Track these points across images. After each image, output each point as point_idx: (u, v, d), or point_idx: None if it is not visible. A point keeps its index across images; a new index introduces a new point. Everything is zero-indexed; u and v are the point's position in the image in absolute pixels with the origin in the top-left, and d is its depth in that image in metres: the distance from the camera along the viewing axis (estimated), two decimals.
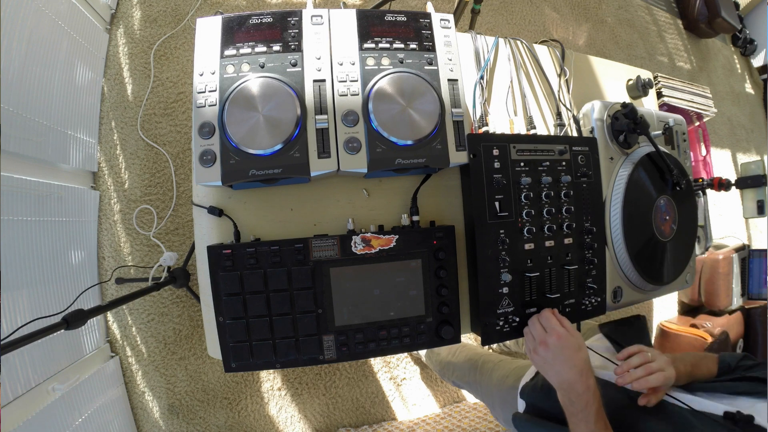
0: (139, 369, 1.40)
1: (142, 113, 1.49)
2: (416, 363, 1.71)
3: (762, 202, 1.91)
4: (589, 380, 0.61)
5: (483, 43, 0.87)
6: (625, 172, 0.81)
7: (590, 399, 0.60)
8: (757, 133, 3.46)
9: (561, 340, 0.63)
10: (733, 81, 3.46)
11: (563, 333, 0.64)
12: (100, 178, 1.43)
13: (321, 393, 1.58)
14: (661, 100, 1.84)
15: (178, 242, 1.47)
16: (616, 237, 0.81)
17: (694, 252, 0.95)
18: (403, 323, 0.69)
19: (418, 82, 0.66)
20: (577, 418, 0.61)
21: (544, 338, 0.65)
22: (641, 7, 3.03)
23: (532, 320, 0.69)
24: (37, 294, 1.12)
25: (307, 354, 0.66)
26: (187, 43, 1.57)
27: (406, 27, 0.69)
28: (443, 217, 0.78)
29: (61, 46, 1.25)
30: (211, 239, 0.72)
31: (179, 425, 1.42)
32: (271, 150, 0.60)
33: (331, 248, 0.66)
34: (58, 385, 1.11)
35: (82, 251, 1.33)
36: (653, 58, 2.93)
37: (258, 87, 0.61)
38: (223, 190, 0.72)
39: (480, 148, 0.70)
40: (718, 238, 2.22)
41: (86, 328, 1.28)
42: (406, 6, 2.06)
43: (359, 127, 0.63)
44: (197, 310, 1.45)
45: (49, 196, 1.18)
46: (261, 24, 0.64)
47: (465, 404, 1.74)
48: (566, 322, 0.68)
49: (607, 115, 0.84)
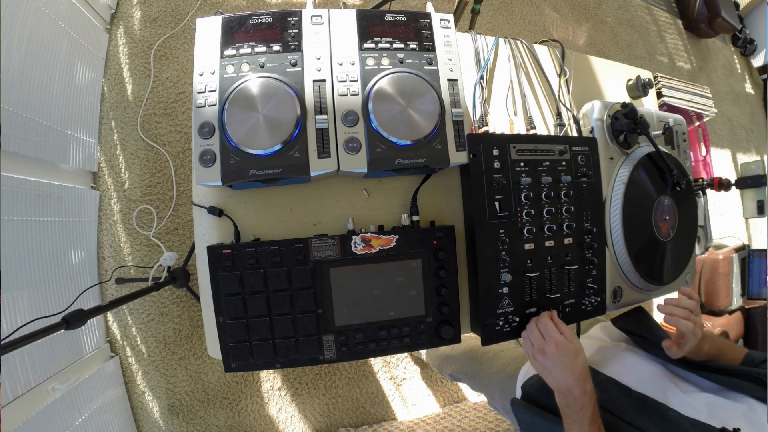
0: (139, 369, 1.40)
1: (142, 113, 1.49)
2: (416, 363, 1.71)
3: (762, 202, 1.91)
4: (586, 385, 0.62)
5: (483, 43, 0.87)
6: (625, 172, 0.81)
7: (586, 402, 0.61)
8: (757, 133, 3.46)
9: (559, 348, 0.64)
10: (733, 81, 3.46)
11: (561, 341, 0.64)
12: (100, 178, 1.43)
13: (321, 393, 1.58)
14: (661, 100, 1.84)
15: (178, 242, 1.47)
16: (616, 237, 0.81)
17: (694, 252, 0.95)
18: (403, 323, 0.69)
19: (418, 82, 0.66)
20: (572, 419, 0.62)
21: (542, 346, 0.65)
22: (641, 7, 3.03)
23: (530, 326, 0.69)
24: (37, 294, 1.12)
25: (307, 354, 0.66)
26: (187, 43, 1.57)
27: (406, 27, 0.69)
28: (443, 217, 0.78)
29: (61, 46, 1.25)
30: (211, 239, 0.72)
31: (179, 425, 1.42)
32: (271, 150, 0.60)
33: (331, 248, 0.66)
34: (58, 385, 1.11)
35: (82, 251, 1.33)
36: (653, 58, 2.93)
37: (258, 87, 0.61)
38: (223, 190, 0.72)
39: (480, 148, 0.70)
40: (718, 238, 2.22)
41: (86, 328, 1.28)
42: (406, 6, 2.06)
43: (359, 127, 0.63)
44: (197, 310, 1.45)
45: (49, 196, 1.18)
46: (261, 24, 0.64)
47: (465, 404, 1.74)
48: (564, 327, 0.67)
49: (607, 115, 0.84)
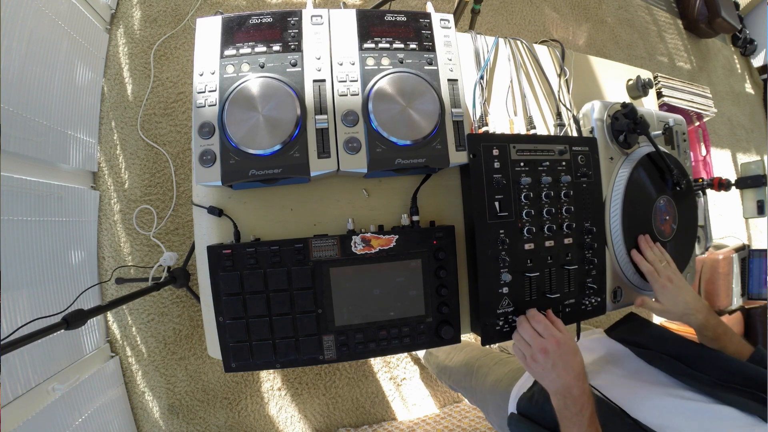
0: (139, 369, 1.40)
1: (142, 113, 1.49)
2: (416, 363, 1.71)
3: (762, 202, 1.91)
4: (584, 384, 0.61)
5: (483, 43, 0.87)
6: (625, 172, 0.81)
7: (585, 403, 0.60)
8: (757, 133, 3.46)
9: (560, 346, 0.62)
10: (733, 81, 3.46)
11: (562, 338, 0.63)
12: (100, 178, 1.44)
13: (321, 393, 1.58)
14: (661, 100, 1.84)
15: (178, 242, 1.47)
16: (616, 237, 0.81)
17: (694, 252, 0.95)
18: (403, 323, 0.69)
19: (418, 82, 0.66)
20: (570, 422, 0.60)
21: (543, 345, 0.63)
22: (641, 7, 3.03)
23: (524, 326, 0.67)
24: (37, 294, 1.12)
25: (307, 354, 0.66)
26: (187, 43, 1.57)
27: (406, 27, 0.69)
28: (443, 217, 0.78)
29: (61, 46, 1.25)
30: (211, 239, 0.72)
31: (179, 425, 1.42)
32: (271, 150, 0.60)
33: (331, 248, 0.66)
34: (58, 385, 1.11)
35: (82, 251, 1.33)
36: (653, 58, 2.93)
37: (258, 87, 0.61)
38: (223, 190, 0.72)
39: (480, 148, 0.70)
40: (718, 238, 2.21)
41: (86, 328, 1.28)
42: (406, 6, 2.06)
43: (359, 127, 0.63)
44: (197, 310, 1.45)
45: (49, 196, 1.18)
46: (261, 24, 0.64)
47: (465, 404, 1.74)
48: (561, 325, 0.66)
49: (607, 115, 0.84)
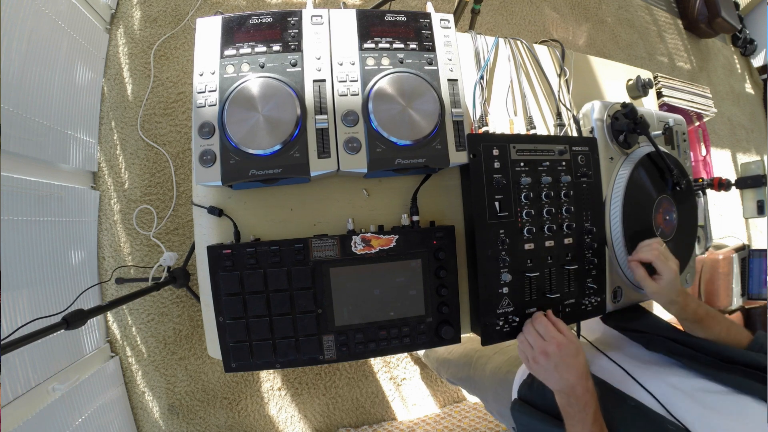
0: (139, 369, 1.40)
1: (142, 113, 1.49)
2: (416, 363, 1.71)
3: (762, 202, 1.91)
4: (588, 382, 0.62)
5: (483, 43, 0.87)
6: (625, 172, 0.81)
7: (589, 400, 0.60)
8: (757, 133, 3.46)
9: (561, 349, 0.63)
10: (733, 81, 3.46)
11: (563, 341, 0.64)
12: (100, 178, 1.43)
13: (321, 393, 1.58)
14: (661, 100, 1.84)
15: (178, 242, 1.47)
16: (616, 237, 0.81)
17: (694, 252, 0.95)
18: (403, 323, 0.69)
19: (418, 82, 0.66)
20: (574, 419, 0.61)
21: (544, 348, 0.64)
22: (641, 7, 3.03)
23: (527, 329, 0.69)
24: (37, 294, 1.12)
25: (307, 354, 0.66)
26: (187, 43, 1.57)
27: (406, 27, 0.69)
28: (443, 217, 0.78)
29: (61, 46, 1.25)
30: (211, 239, 0.72)
31: (179, 425, 1.42)
32: (271, 150, 0.60)
33: (331, 248, 0.66)
34: (58, 385, 1.11)
35: (82, 251, 1.33)
36: (653, 58, 2.93)
37: (258, 87, 0.61)
38: (223, 190, 0.72)
39: (480, 148, 0.70)
40: (718, 238, 2.21)
41: (86, 328, 1.28)
42: (406, 6, 2.06)
43: (359, 127, 0.63)
44: (197, 310, 1.45)
45: (49, 196, 1.18)
46: (261, 24, 0.64)
47: (465, 404, 1.74)
48: (562, 326, 0.67)
49: (607, 115, 0.83)
